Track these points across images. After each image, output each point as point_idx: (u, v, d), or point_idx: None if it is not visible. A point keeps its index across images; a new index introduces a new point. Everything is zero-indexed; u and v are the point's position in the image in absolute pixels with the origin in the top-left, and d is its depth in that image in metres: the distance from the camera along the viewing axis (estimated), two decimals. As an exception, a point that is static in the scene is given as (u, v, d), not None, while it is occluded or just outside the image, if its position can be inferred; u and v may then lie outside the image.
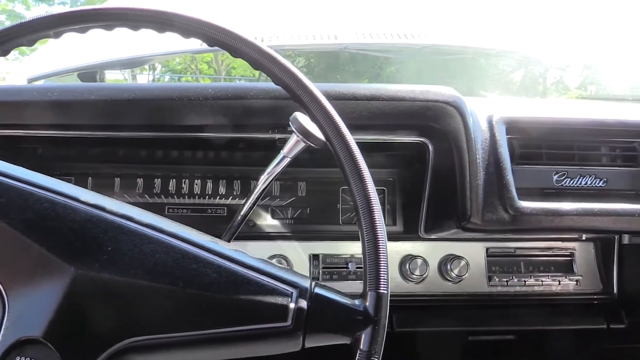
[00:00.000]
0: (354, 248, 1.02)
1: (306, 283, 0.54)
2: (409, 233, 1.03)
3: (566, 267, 1.05)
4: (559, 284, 1.03)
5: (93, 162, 1.05)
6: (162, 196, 1.06)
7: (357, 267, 1.01)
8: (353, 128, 0.88)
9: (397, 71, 1.63)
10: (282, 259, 1.00)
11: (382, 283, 0.52)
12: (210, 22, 0.60)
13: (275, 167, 0.74)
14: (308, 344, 0.53)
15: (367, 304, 0.52)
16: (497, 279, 1.02)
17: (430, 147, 0.92)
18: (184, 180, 1.06)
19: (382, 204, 1.07)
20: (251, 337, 0.52)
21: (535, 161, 0.93)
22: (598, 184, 0.93)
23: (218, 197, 1.06)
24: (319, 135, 0.66)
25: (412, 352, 1.04)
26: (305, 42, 1.51)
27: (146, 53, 1.48)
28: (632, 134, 0.95)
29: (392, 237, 1.04)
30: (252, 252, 1.00)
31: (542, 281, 1.02)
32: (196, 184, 1.06)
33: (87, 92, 0.83)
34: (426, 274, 1.00)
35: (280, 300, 0.52)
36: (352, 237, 1.03)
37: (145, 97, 0.84)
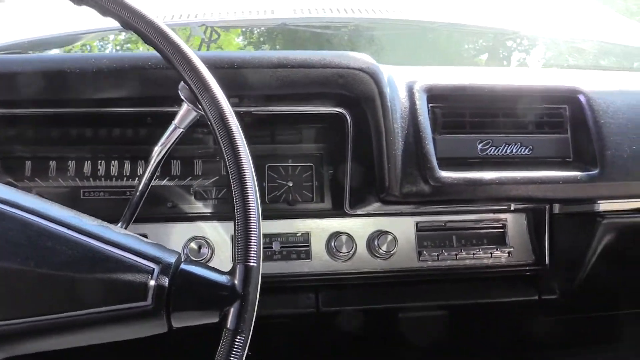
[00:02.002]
0: (278, 227, 0.98)
1: (171, 258, 0.50)
2: (337, 209, 0.99)
3: (498, 239, 1.02)
4: (491, 256, 1.00)
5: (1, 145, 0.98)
6: (77, 179, 1.00)
7: (282, 247, 0.97)
8: (264, 99, 0.85)
9: (339, 48, 1.58)
10: (203, 241, 0.95)
11: (251, 255, 0.48)
12: None
13: (167, 138, 0.69)
14: (175, 324, 0.49)
15: (236, 279, 0.48)
16: (427, 254, 0.99)
17: (348, 118, 0.88)
18: (100, 161, 1.00)
19: (311, 180, 1.03)
20: (111, 320, 0.48)
21: (459, 130, 0.89)
22: (524, 151, 0.90)
23: (137, 178, 1.00)
24: None
25: (340, 332, 1.01)
26: (241, 17, 1.45)
27: (72, 31, 1.41)
28: (558, 99, 0.93)
29: (320, 214, 1.00)
30: (172, 234, 0.97)
31: (473, 254, 0.99)
32: (113, 166, 1.00)
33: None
34: (353, 250, 0.96)
35: (139, 277, 0.47)
36: (278, 217, 0.99)
37: (34, 69, 0.78)
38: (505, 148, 0.90)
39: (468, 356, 1.14)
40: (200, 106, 0.54)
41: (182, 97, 0.65)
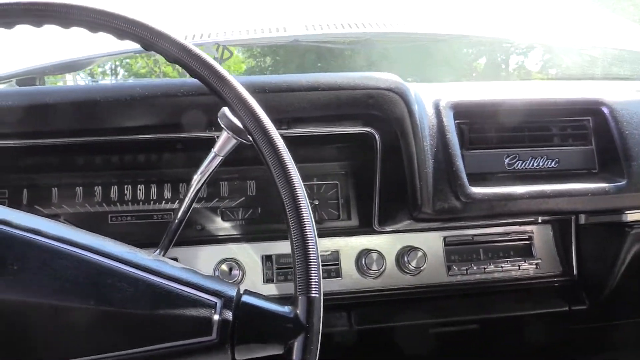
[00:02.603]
0: (308, 246, 0.98)
1: (232, 291, 0.50)
2: (365, 227, 1.00)
3: (525, 251, 1.03)
4: (519, 268, 1.01)
5: (27, 173, 0.99)
6: (104, 204, 1.00)
7: (312, 266, 0.97)
8: (293, 121, 0.85)
9: (352, 62, 1.59)
10: (233, 262, 0.95)
11: (313, 286, 0.48)
12: (118, 13, 0.56)
13: (207, 166, 0.70)
14: (239, 357, 0.49)
15: (298, 310, 0.48)
16: (456, 268, 0.99)
17: (377, 137, 0.88)
18: (126, 186, 1.01)
19: (336, 198, 1.04)
20: (176, 355, 0.48)
21: (486, 145, 0.90)
22: (550, 164, 0.91)
23: (164, 201, 1.01)
24: None
25: (373, 350, 1.01)
26: (255, 36, 1.46)
27: (88, 55, 1.42)
28: (581, 111, 0.94)
29: (348, 232, 1.01)
30: (201, 258, 0.97)
31: (501, 267, 1.00)
32: (139, 190, 1.01)
33: (2, 98, 0.77)
34: (383, 268, 0.97)
35: (202, 312, 0.48)
36: (306, 235, 0.99)
37: (68, 100, 0.78)
38: (532, 161, 0.91)
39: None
40: (250, 137, 0.54)
41: (222, 125, 0.65)
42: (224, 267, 0.95)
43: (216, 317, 0.47)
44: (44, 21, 0.56)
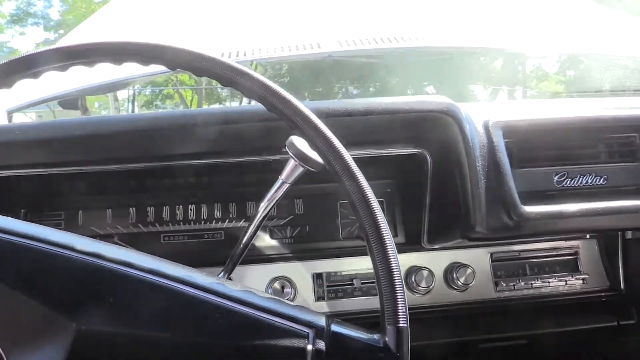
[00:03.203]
0: (357, 264, 1.00)
1: (322, 321, 0.52)
2: (412, 244, 1.01)
3: (571, 266, 1.04)
4: (566, 284, 1.02)
5: (82, 196, 1.02)
6: (157, 224, 1.03)
7: (362, 283, 0.99)
8: (349, 144, 0.87)
9: (384, 75, 1.61)
10: (285, 281, 0.97)
11: (401, 316, 0.50)
12: (201, 53, 0.58)
13: (274, 193, 0.72)
14: None
15: (387, 338, 0.50)
16: (503, 284, 1.00)
17: (429, 158, 0.90)
18: (177, 206, 1.04)
19: (382, 215, 1.05)
20: None
21: (535, 163, 0.91)
22: (599, 182, 0.92)
23: (214, 221, 1.03)
24: (318, 159, 0.64)
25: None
26: (289, 53, 1.49)
27: (127, 75, 1.45)
28: (628, 128, 0.95)
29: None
30: (254, 276, 0.99)
31: (548, 282, 1.01)
32: (191, 210, 1.04)
33: (71, 128, 0.80)
34: (432, 284, 0.98)
35: (296, 342, 0.49)
36: (354, 253, 1.01)
37: (131, 128, 0.81)
38: (581, 179, 0.92)
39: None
40: (333, 174, 0.56)
41: (291, 154, 0.68)
42: (277, 285, 0.97)
43: (309, 347, 0.49)
44: (150, 62, 0.58)
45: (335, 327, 0.52)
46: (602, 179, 0.92)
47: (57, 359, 0.48)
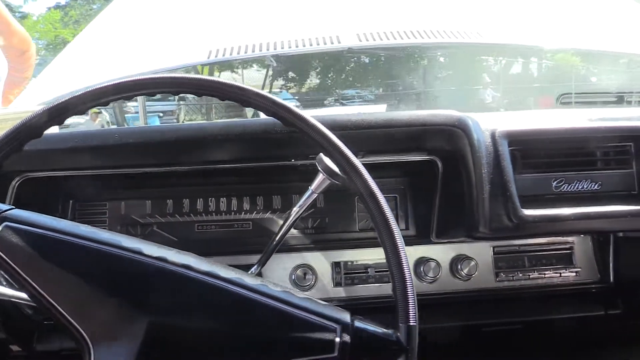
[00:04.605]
0: (372, 254, 1.11)
1: (347, 318, 0.63)
2: (421, 237, 1.12)
3: (566, 259, 1.14)
4: (560, 275, 1.12)
5: (124, 189, 1.13)
6: (191, 214, 1.14)
7: (376, 272, 1.10)
8: (368, 152, 0.97)
9: (398, 68, 1.69)
10: (307, 268, 1.09)
11: (411, 316, 0.61)
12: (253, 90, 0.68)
13: (304, 201, 0.83)
14: None
15: (400, 334, 0.61)
16: (503, 275, 1.11)
17: (440, 164, 1.00)
18: (210, 199, 1.15)
19: (394, 209, 1.16)
20: None
21: (536, 170, 1.01)
22: (594, 187, 1.02)
23: (243, 212, 1.14)
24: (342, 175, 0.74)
25: (429, 347, 1.14)
26: (309, 47, 1.57)
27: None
28: (623, 137, 1.03)
29: (406, 241, 1.12)
30: (279, 264, 1.11)
31: (544, 274, 1.12)
32: (222, 202, 1.15)
33: (126, 136, 0.91)
34: (439, 274, 1.09)
35: (327, 335, 0.61)
36: (370, 244, 1.11)
37: (181, 137, 0.91)
38: (577, 184, 1.01)
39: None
40: (349, 181, 0.67)
41: (320, 169, 0.78)
42: (299, 272, 1.09)
43: (337, 339, 0.61)
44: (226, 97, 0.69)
45: (358, 323, 0.63)
46: (597, 185, 1.02)
47: (133, 346, 0.60)
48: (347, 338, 0.61)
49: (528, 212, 0.95)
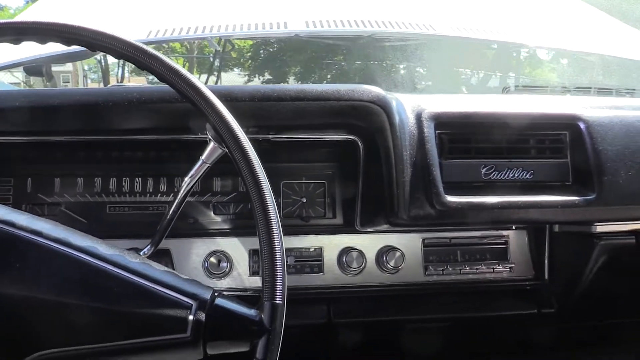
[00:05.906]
0: (293, 242, 1.04)
1: (207, 294, 0.56)
2: (348, 226, 1.05)
3: (501, 254, 1.08)
4: (493, 271, 1.06)
5: (32, 164, 1.05)
6: (103, 195, 1.06)
7: (296, 261, 1.03)
8: (280, 128, 0.91)
9: (348, 59, 1.63)
10: (222, 255, 1.01)
11: (277, 294, 0.54)
12: (89, 27, 0.61)
13: (195, 171, 0.75)
14: (210, 352, 0.55)
15: (263, 314, 0.54)
16: (432, 269, 1.05)
17: (360, 145, 0.93)
18: (124, 178, 1.07)
19: (323, 197, 1.09)
20: (154, 348, 0.54)
21: (465, 155, 0.95)
22: (525, 176, 0.96)
23: (159, 194, 1.07)
24: None
25: (350, 343, 1.07)
26: (254, 30, 1.50)
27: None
28: (559, 126, 0.98)
29: (332, 230, 1.06)
30: (193, 250, 1.03)
31: (476, 269, 1.05)
32: (137, 182, 1.07)
33: (11, 99, 0.83)
34: (363, 265, 1.02)
35: (179, 313, 0.54)
36: (293, 232, 1.04)
37: (71, 102, 0.84)
38: (508, 172, 0.95)
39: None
40: (226, 149, 0.60)
41: (209, 137, 0.71)
42: (213, 259, 1.01)
43: (190, 317, 0.53)
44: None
45: (218, 301, 0.56)
46: (528, 174, 0.96)
47: None
48: (201, 316, 0.54)
49: (452, 198, 0.89)
